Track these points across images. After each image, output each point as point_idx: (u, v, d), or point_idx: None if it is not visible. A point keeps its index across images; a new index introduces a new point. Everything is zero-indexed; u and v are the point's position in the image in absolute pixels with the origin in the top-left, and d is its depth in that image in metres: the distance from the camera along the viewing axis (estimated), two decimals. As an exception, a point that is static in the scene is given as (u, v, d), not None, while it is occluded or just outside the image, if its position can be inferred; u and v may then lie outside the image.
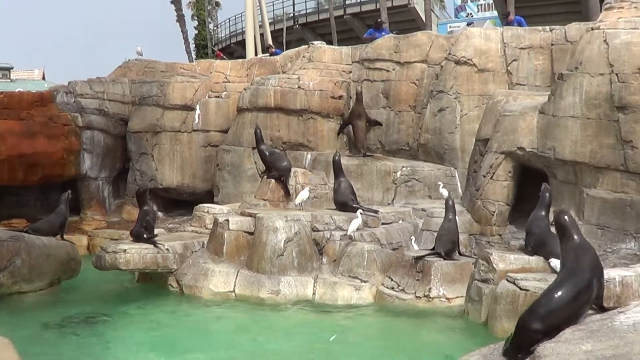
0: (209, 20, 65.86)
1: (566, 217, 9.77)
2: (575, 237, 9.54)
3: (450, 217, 16.66)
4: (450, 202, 17.01)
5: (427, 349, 13.06)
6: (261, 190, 20.39)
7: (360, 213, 17.77)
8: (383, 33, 26.11)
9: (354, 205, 18.81)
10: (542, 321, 8.74)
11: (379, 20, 29.48)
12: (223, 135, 26.23)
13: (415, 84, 23.52)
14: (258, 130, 21.34)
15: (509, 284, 12.69)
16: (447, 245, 16.14)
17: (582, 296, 9.06)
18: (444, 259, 15.73)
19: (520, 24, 24.81)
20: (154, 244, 17.35)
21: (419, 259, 15.85)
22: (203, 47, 63.14)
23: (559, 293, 8.98)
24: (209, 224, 19.11)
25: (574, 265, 9.22)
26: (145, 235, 17.66)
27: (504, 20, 26.52)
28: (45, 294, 17.14)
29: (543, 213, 15.02)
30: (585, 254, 9.35)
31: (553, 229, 11.70)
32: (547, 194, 15.28)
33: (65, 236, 20.36)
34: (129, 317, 15.36)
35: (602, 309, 9.52)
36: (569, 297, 8.96)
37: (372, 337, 14.00)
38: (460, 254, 16.67)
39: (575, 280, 9.09)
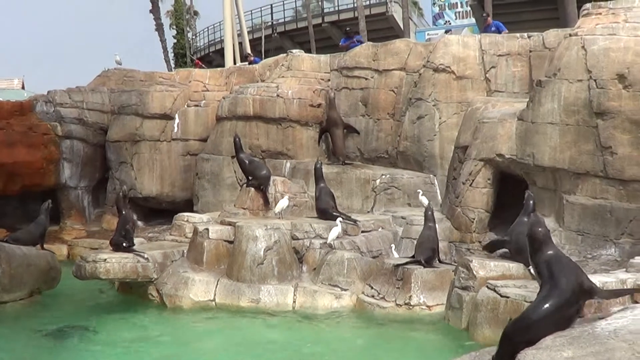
0: (188, 29, 65.69)
1: (540, 230, 9.75)
2: (550, 250, 9.58)
3: (430, 224, 16.65)
4: (430, 211, 17.01)
5: (408, 357, 13.05)
6: (241, 198, 20.35)
7: (340, 221, 17.77)
8: (355, 40, 26.04)
9: (335, 213, 18.82)
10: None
11: (347, 29, 29.45)
12: (202, 144, 26.22)
13: (394, 92, 23.55)
14: (237, 139, 21.29)
15: (490, 291, 12.70)
16: (426, 253, 16.13)
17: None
18: (424, 267, 15.73)
19: (498, 29, 24.83)
20: (133, 252, 17.29)
21: (398, 266, 15.85)
22: (182, 56, 63.00)
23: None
24: (189, 233, 19.05)
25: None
26: (124, 244, 17.59)
27: (484, 21, 26.50)
28: (25, 304, 17.10)
29: (526, 220, 15.02)
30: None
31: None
32: (531, 201, 15.30)
33: (45, 245, 20.24)
34: (110, 326, 15.27)
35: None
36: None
37: (352, 346, 13.96)
38: (440, 261, 16.68)
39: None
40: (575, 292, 9.19)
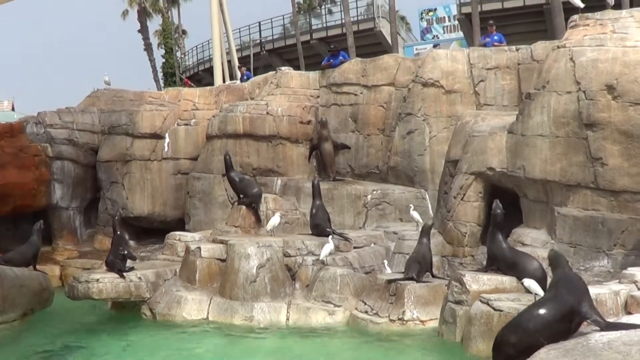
0: (176, 48, 65.74)
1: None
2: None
3: (423, 240, 16.61)
4: (427, 228, 16.99)
5: (402, 372, 13.04)
6: (232, 217, 20.32)
7: (332, 238, 17.77)
8: (340, 58, 25.99)
9: (328, 229, 18.83)
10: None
11: (332, 46, 29.42)
12: (193, 162, 26.19)
13: (384, 107, 23.60)
14: (228, 157, 21.29)
15: (483, 304, 12.68)
16: (414, 267, 16.12)
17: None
18: (416, 282, 15.70)
19: (500, 41, 24.81)
20: (122, 275, 17.32)
21: (391, 282, 15.82)
22: (171, 75, 62.98)
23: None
24: (181, 252, 19.04)
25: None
26: (118, 268, 17.61)
27: (487, 29, 26.41)
28: (18, 325, 17.02)
29: (498, 234, 14.94)
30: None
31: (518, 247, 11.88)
32: (499, 211, 15.19)
33: (37, 266, 20.18)
34: (103, 345, 15.22)
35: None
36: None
37: (346, 362, 13.96)
38: (433, 275, 16.65)
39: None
40: (573, 309, 9.37)
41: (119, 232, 18.69)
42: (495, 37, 24.92)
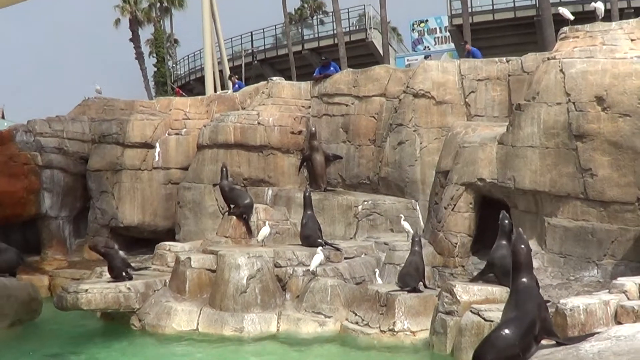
0: (168, 57, 65.75)
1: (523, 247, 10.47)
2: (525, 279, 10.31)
3: (416, 249, 16.62)
4: (417, 238, 17.01)
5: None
6: (223, 227, 20.28)
7: (321, 249, 17.76)
8: (332, 69, 25.99)
9: (319, 240, 18.82)
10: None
11: (323, 57, 29.32)
12: (183, 172, 26.13)
13: (375, 118, 23.63)
14: (224, 169, 21.19)
15: (474, 315, 12.69)
16: (401, 279, 16.39)
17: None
18: (408, 292, 15.70)
19: (474, 55, 24.99)
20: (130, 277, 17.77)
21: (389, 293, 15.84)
22: (162, 85, 62.95)
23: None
24: (171, 262, 19.01)
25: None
26: (124, 274, 17.89)
27: (463, 49, 26.63)
28: (6, 335, 16.97)
29: (504, 242, 15.05)
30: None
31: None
32: (507, 221, 15.33)
33: (26, 276, 20.13)
34: (92, 358, 15.16)
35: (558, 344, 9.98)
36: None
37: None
38: (425, 286, 16.65)
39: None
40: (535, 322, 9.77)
41: (113, 250, 18.70)
42: (471, 56, 25.19)
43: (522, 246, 10.85)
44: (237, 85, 33.36)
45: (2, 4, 24.86)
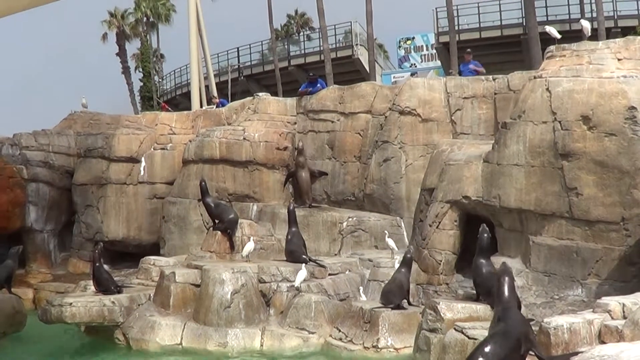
0: (154, 72, 65.66)
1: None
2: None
3: (403, 270, 16.66)
4: (409, 255, 17.05)
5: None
6: (207, 242, 20.26)
7: (306, 265, 17.75)
8: (318, 86, 25.99)
9: (303, 256, 18.80)
10: None
11: (311, 74, 29.35)
12: (169, 187, 26.14)
13: (360, 135, 23.64)
14: (203, 183, 21.28)
15: (457, 333, 12.68)
16: (384, 296, 16.50)
17: None
18: (392, 309, 15.71)
19: (476, 65, 25.00)
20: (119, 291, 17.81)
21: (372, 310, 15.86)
22: (148, 99, 62.81)
23: None
24: (155, 277, 18.98)
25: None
26: (112, 287, 17.97)
27: (462, 60, 26.69)
28: (-10, 348, 16.90)
29: (482, 260, 15.10)
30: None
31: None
32: (485, 235, 15.36)
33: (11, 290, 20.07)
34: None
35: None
36: None
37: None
38: (409, 303, 16.65)
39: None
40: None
41: (97, 264, 18.65)
42: (471, 66, 25.13)
43: (507, 278, 11.08)
44: (220, 104, 33.26)
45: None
